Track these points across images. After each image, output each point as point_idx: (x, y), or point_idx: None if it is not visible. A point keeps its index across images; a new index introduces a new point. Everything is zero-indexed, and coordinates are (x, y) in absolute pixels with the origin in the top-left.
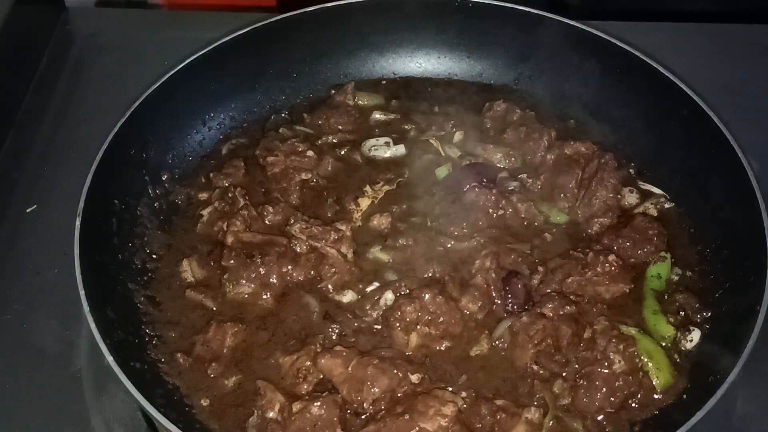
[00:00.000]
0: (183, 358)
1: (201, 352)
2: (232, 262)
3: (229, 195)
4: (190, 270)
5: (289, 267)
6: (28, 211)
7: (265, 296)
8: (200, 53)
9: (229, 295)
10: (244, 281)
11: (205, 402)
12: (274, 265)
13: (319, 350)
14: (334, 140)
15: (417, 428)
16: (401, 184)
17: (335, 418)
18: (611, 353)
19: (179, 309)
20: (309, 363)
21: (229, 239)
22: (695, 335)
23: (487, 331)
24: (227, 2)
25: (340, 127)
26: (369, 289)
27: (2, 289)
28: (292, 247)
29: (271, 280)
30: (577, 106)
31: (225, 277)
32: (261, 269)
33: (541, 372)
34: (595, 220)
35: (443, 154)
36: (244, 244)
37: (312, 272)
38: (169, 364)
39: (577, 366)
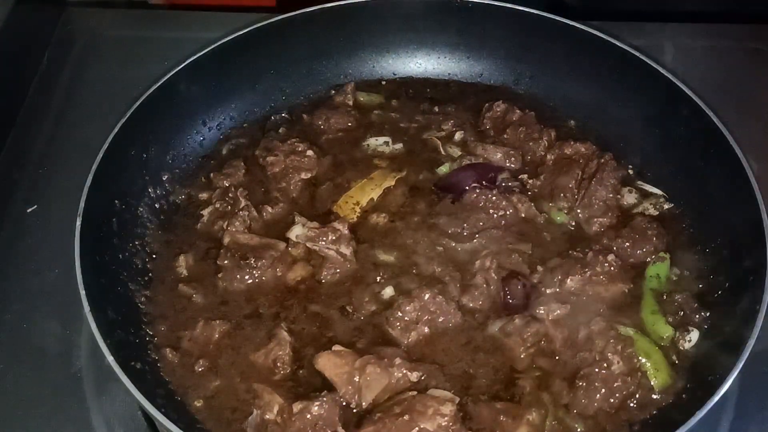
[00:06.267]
0: (171, 353)
1: (188, 347)
2: (226, 262)
3: (230, 195)
4: (185, 266)
5: (285, 271)
6: (28, 211)
7: (259, 297)
8: (200, 53)
9: (221, 294)
10: (236, 282)
11: (199, 402)
12: (268, 269)
13: (286, 333)
14: (334, 140)
15: (417, 428)
16: (401, 184)
17: (336, 418)
18: (609, 354)
19: (170, 303)
20: (281, 352)
21: (226, 239)
22: (694, 335)
23: (486, 332)
24: (227, 2)
25: (340, 127)
26: (368, 288)
27: (2, 289)
28: (289, 252)
29: (264, 281)
30: (577, 106)
31: (219, 275)
32: (255, 272)
33: (539, 373)
34: (595, 220)
35: (443, 154)
36: (240, 245)
37: (310, 273)
38: (162, 361)
39: (575, 367)
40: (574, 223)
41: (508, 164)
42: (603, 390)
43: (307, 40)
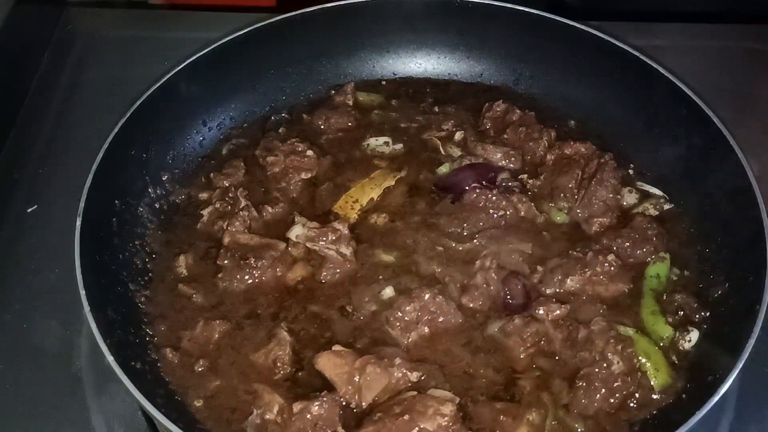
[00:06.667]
0: (171, 353)
1: (188, 347)
2: (226, 262)
3: (230, 195)
4: (185, 266)
5: (285, 270)
6: (28, 211)
7: (259, 297)
8: (200, 53)
9: (221, 293)
10: (236, 282)
11: (199, 402)
12: (268, 269)
13: (286, 332)
14: (334, 140)
15: (417, 428)
16: (401, 184)
17: (336, 418)
18: (609, 354)
19: (169, 303)
20: (281, 352)
21: (226, 239)
22: (693, 335)
23: (486, 332)
24: (227, 2)
25: (340, 127)
26: (368, 288)
27: (2, 289)
28: (289, 252)
29: (264, 281)
30: (577, 106)
31: (219, 276)
32: (255, 272)
33: (539, 373)
34: (595, 220)
35: (443, 154)
36: (240, 245)
37: (310, 273)
38: (163, 361)
39: (575, 367)
40: (574, 223)
41: (508, 164)
42: (603, 390)
43: (307, 40)
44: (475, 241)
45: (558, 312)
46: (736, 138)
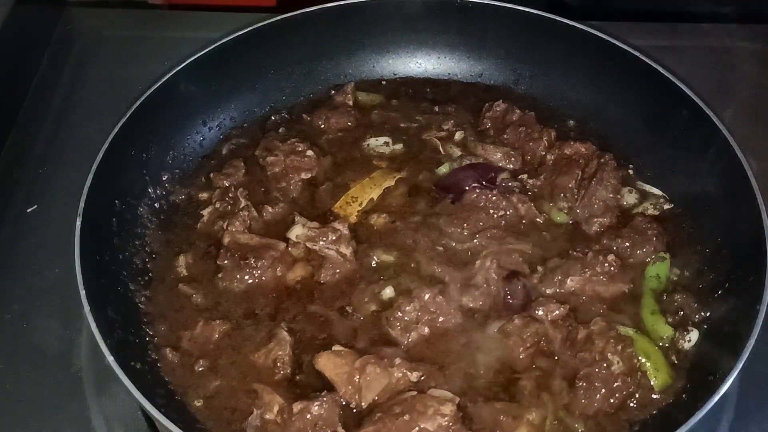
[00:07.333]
0: (171, 353)
1: (188, 347)
2: (226, 262)
3: (230, 195)
4: (185, 265)
5: (286, 271)
6: (28, 211)
7: (259, 297)
8: (200, 53)
9: (221, 293)
10: (236, 282)
11: (199, 402)
12: (268, 269)
13: (286, 332)
14: (334, 140)
15: (417, 428)
16: (401, 184)
17: (336, 418)
18: (609, 354)
19: (169, 303)
20: (281, 353)
21: (226, 239)
22: (693, 335)
23: (486, 332)
24: (227, 2)
25: (340, 127)
26: (368, 288)
27: (2, 289)
28: (289, 252)
29: (264, 281)
30: (577, 106)
31: (219, 276)
32: (255, 272)
33: (539, 373)
34: (595, 220)
35: (443, 154)
36: (240, 245)
37: (310, 274)
38: (163, 361)
39: (575, 367)
40: (574, 223)
41: (508, 164)
42: (603, 390)
43: (307, 40)
44: (475, 241)
45: (558, 312)
46: (736, 138)
